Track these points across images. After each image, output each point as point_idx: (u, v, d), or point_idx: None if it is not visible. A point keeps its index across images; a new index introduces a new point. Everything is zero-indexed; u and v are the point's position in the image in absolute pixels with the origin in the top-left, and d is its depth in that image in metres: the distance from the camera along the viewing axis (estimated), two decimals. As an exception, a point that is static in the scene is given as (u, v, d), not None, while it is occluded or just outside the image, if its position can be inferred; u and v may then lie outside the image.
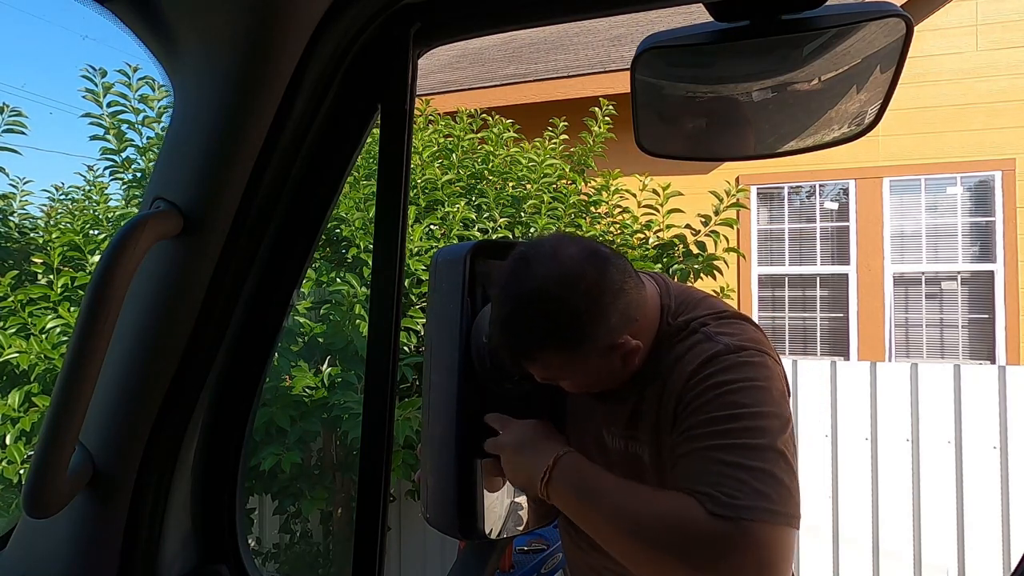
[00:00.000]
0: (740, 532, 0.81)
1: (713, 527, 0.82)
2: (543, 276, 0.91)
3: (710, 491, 0.84)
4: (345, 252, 3.08)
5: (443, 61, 7.21)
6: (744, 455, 0.86)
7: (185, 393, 0.78)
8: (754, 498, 0.82)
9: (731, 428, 0.88)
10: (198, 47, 0.68)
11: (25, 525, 0.83)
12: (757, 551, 0.81)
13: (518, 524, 1.05)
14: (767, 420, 0.88)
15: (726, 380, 0.91)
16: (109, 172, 3.35)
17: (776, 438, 0.88)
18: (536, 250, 0.94)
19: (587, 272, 0.91)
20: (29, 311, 2.74)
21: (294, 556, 3.37)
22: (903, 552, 3.32)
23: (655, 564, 0.86)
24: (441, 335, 0.97)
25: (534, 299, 0.90)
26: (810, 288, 5.55)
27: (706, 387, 0.91)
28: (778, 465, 0.86)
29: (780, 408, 0.91)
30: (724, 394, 0.90)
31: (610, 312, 0.92)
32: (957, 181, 5.23)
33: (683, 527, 0.83)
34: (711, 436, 0.88)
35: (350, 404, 2.60)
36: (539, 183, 3.49)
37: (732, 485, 0.83)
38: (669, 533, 0.84)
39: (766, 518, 0.82)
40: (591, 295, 0.91)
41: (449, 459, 0.95)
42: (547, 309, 0.90)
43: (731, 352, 0.92)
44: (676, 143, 0.84)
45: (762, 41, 0.65)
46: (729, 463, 0.85)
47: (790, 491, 0.86)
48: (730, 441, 0.87)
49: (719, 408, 0.89)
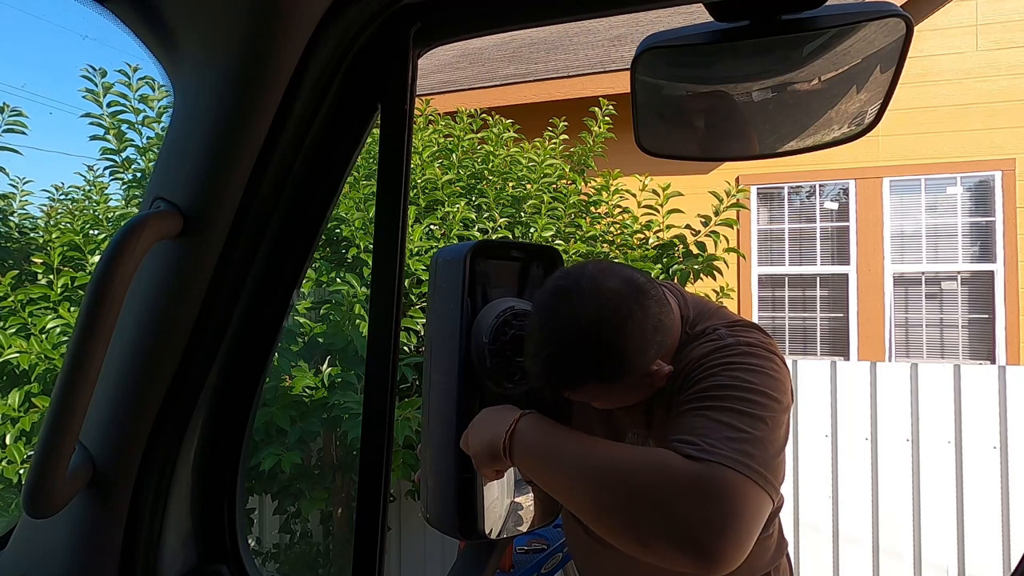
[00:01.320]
0: (712, 475, 0.80)
1: (688, 468, 0.81)
2: (586, 315, 0.91)
3: (692, 438, 0.84)
4: (345, 252, 3.08)
5: (443, 61, 7.21)
6: (735, 418, 0.86)
7: (185, 393, 0.78)
8: (736, 453, 0.82)
9: (729, 395, 0.89)
10: (198, 47, 0.68)
11: (25, 525, 0.83)
12: (729, 499, 0.79)
13: (518, 524, 1.05)
14: (767, 399, 0.90)
15: (733, 361, 0.94)
16: (109, 172, 3.35)
17: (772, 416, 0.88)
18: (577, 283, 0.93)
19: (631, 311, 0.92)
20: (29, 311, 2.74)
21: (294, 556, 3.37)
22: (903, 552, 3.32)
23: (624, 516, 0.82)
24: (441, 335, 0.97)
25: (578, 339, 0.91)
26: (810, 288, 5.55)
27: (713, 364, 0.94)
28: (768, 437, 0.86)
29: (782, 397, 0.92)
30: (729, 369, 0.93)
31: (649, 346, 0.94)
32: (957, 181, 5.23)
33: (656, 472, 0.82)
34: (707, 399, 0.90)
35: (350, 404, 2.60)
36: (539, 183, 3.49)
37: (716, 437, 0.83)
38: (640, 479, 0.82)
39: (743, 472, 0.80)
40: (634, 334, 0.92)
41: (449, 459, 0.95)
42: (593, 349, 0.91)
43: (742, 345, 0.96)
44: (676, 143, 0.84)
45: (762, 41, 0.65)
46: (718, 420, 0.86)
47: (774, 463, 0.85)
48: (725, 405, 0.88)
49: (721, 379, 0.92)
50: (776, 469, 0.85)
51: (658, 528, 0.79)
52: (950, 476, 3.28)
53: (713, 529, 0.77)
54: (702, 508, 0.78)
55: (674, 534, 0.78)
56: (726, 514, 0.78)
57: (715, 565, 0.77)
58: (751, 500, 0.80)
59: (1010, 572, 3.17)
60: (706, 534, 0.77)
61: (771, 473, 0.83)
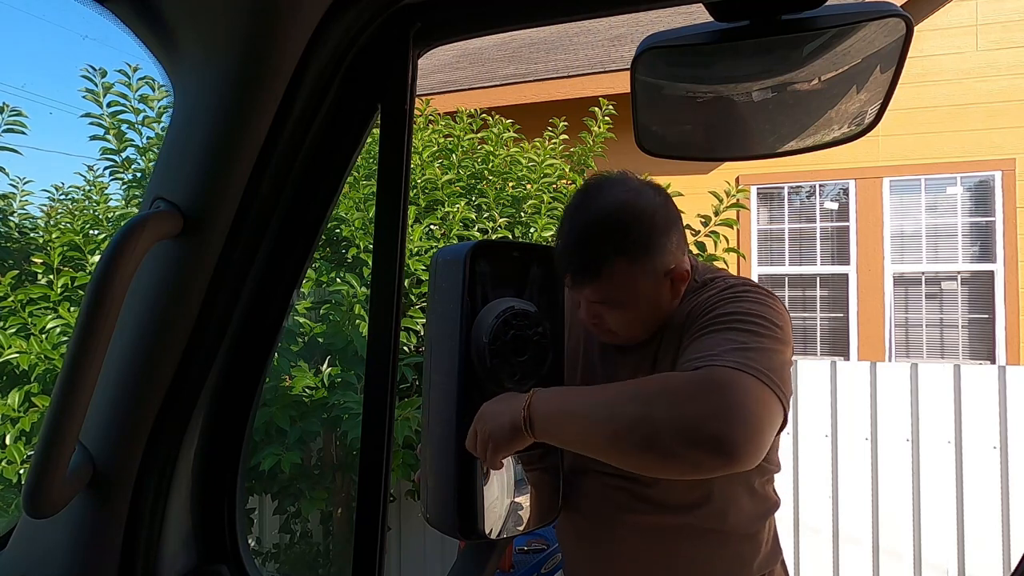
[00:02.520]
0: (713, 375, 0.84)
1: (691, 375, 0.86)
2: (616, 195, 1.03)
3: (701, 354, 0.89)
4: (345, 252, 3.08)
5: (443, 61, 7.21)
6: (738, 335, 0.91)
7: (185, 393, 0.78)
8: (737, 356, 0.86)
9: (732, 319, 0.95)
10: (198, 47, 0.68)
11: (25, 525, 0.83)
12: (732, 391, 0.82)
13: (518, 524, 1.05)
14: (771, 324, 0.94)
15: (737, 295, 1.00)
16: (109, 172, 3.35)
17: (775, 336, 0.92)
18: (605, 179, 1.07)
19: (657, 195, 1.05)
20: (29, 311, 2.74)
21: (294, 556, 3.37)
22: (903, 552, 3.32)
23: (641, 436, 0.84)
24: (441, 335, 0.97)
25: (611, 211, 1.01)
26: (810, 288, 5.55)
27: (718, 298, 1.01)
28: (772, 348, 0.90)
29: (785, 328, 0.97)
30: (732, 301, 0.99)
31: (674, 232, 1.04)
32: (957, 181, 5.23)
33: (662, 383, 0.88)
34: (710, 325, 0.95)
35: (350, 404, 2.59)
36: (539, 183, 3.49)
37: (718, 350, 0.88)
38: (648, 395, 0.86)
39: (745, 370, 0.84)
40: (660, 213, 1.03)
41: (449, 459, 0.95)
42: (623, 219, 1.01)
43: (747, 286, 1.04)
44: (676, 143, 0.84)
45: (762, 41, 0.65)
46: (722, 337, 0.91)
47: (779, 371, 0.87)
48: (729, 326, 0.93)
49: (725, 309, 0.97)
50: (781, 376, 0.87)
51: (674, 435, 0.82)
52: (950, 476, 3.28)
53: (723, 419, 0.80)
54: (708, 403, 0.82)
55: (689, 434, 0.81)
56: (732, 404, 0.81)
57: (735, 453, 0.80)
58: (754, 392, 0.83)
59: (1010, 572, 3.17)
60: (717, 425, 0.80)
61: (775, 375, 0.86)
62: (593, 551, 1.16)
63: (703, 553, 1.09)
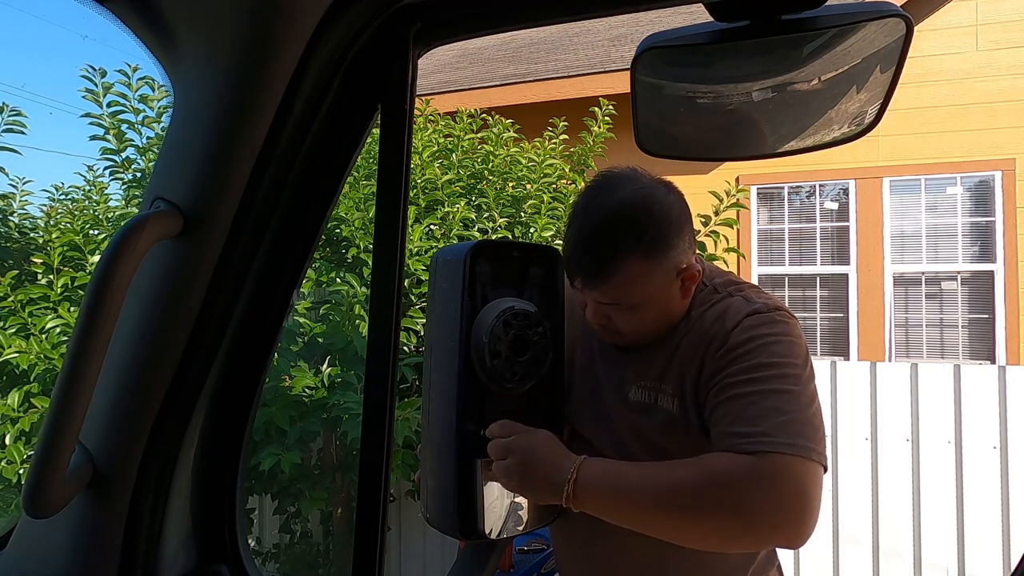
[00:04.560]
0: (773, 464, 0.87)
1: (749, 465, 0.87)
2: (627, 195, 1.00)
3: (748, 429, 0.90)
4: (345, 252, 3.08)
5: (443, 61, 7.21)
6: (781, 401, 0.92)
7: (185, 393, 0.78)
8: (791, 436, 0.88)
9: (770, 375, 0.94)
10: (198, 47, 0.68)
11: (25, 525, 0.83)
12: (791, 480, 0.87)
13: (518, 524, 1.05)
14: (800, 370, 0.96)
15: (765, 333, 0.98)
16: (109, 172, 3.35)
17: (807, 386, 0.96)
18: (615, 175, 1.04)
19: (669, 192, 1.03)
20: (29, 311, 2.74)
21: (294, 556, 3.37)
22: (903, 552, 3.32)
23: (705, 527, 0.89)
24: (441, 335, 0.97)
25: (625, 209, 0.99)
26: (810, 288, 5.55)
27: (747, 338, 0.98)
28: (810, 410, 0.93)
29: (808, 360, 0.99)
30: (764, 346, 0.97)
31: (686, 230, 1.03)
32: (957, 181, 5.23)
33: (721, 478, 0.88)
34: (751, 383, 0.95)
35: (350, 404, 2.59)
36: (539, 183, 3.49)
37: (769, 425, 0.89)
38: (709, 491, 0.88)
39: (799, 453, 0.88)
40: (672, 210, 1.01)
41: (449, 459, 0.95)
42: (637, 217, 0.98)
43: (769, 311, 1.01)
44: (676, 143, 0.84)
45: (762, 41, 0.65)
46: (768, 407, 0.91)
47: (820, 434, 0.92)
48: (770, 387, 0.94)
49: (759, 357, 0.96)
50: (822, 439, 0.92)
51: (739, 526, 0.88)
52: (950, 476, 3.28)
53: (786, 509, 0.86)
54: (770, 495, 0.86)
55: (754, 526, 0.87)
56: (793, 494, 0.86)
57: (798, 539, 0.87)
58: (810, 475, 0.88)
59: (1010, 572, 3.17)
60: (781, 516, 0.86)
61: (819, 444, 0.90)
62: (585, 551, 1.16)
63: (695, 557, 1.08)
